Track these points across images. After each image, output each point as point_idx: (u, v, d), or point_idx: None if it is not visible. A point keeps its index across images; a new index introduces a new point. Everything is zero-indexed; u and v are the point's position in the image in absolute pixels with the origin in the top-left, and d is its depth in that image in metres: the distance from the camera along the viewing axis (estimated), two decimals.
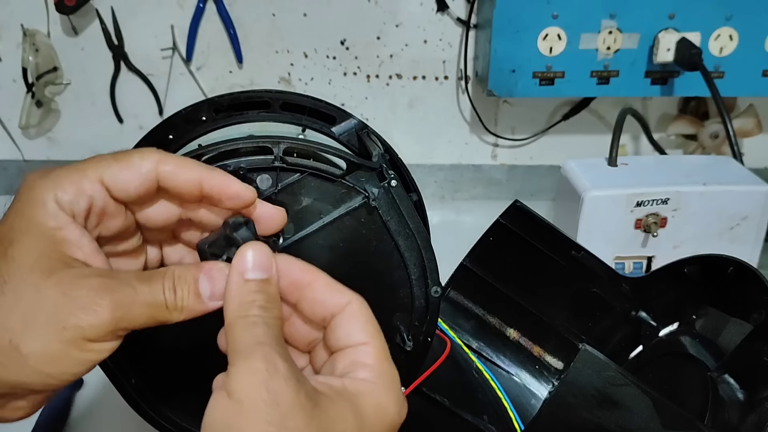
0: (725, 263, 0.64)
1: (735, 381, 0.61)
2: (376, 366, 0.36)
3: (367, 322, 0.37)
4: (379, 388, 0.35)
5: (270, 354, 0.32)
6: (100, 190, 0.36)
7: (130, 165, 0.36)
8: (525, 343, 0.73)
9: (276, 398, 0.31)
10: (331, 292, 0.38)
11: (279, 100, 0.56)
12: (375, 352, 0.36)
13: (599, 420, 0.63)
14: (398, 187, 0.50)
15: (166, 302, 0.35)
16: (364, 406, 0.34)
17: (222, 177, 0.37)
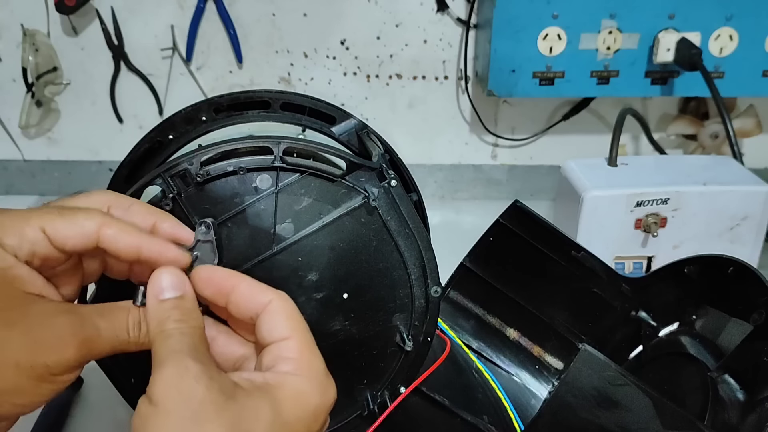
0: (725, 263, 0.64)
1: (735, 381, 0.61)
2: (297, 358, 0.38)
3: (288, 317, 0.39)
4: (300, 380, 0.37)
5: (181, 359, 0.35)
6: (43, 238, 0.37)
7: (74, 223, 0.38)
8: (525, 343, 0.73)
9: (187, 397, 0.34)
10: (254, 293, 0.40)
11: (279, 100, 0.56)
12: (296, 345, 0.38)
13: (599, 420, 0.63)
14: (398, 187, 0.50)
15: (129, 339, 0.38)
16: (282, 397, 0.36)
17: (160, 246, 0.40)
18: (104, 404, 0.72)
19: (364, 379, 0.56)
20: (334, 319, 0.53)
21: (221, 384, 0.35)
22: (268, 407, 0.35)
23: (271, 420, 0.35)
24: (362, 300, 0.53)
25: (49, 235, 0.38)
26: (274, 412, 0.35)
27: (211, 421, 0.33)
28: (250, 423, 0.34)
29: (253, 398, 0.35)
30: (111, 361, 0.53)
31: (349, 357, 0.54)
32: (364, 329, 0.54)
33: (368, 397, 0.56)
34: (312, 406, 0.37)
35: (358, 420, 0.56)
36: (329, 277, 0.50)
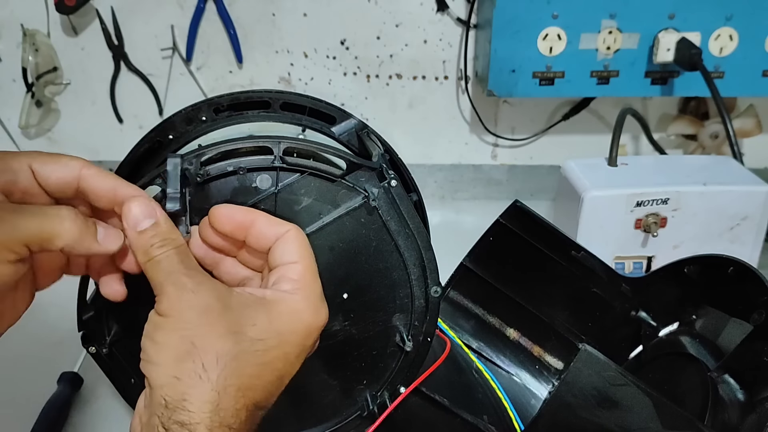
0: (725, 263, 0.64)
1: (735, 381, 0.61)
2: (299, 280, 0.42)
3: (300, 246, 0.43)
4: (297, 298, 0.41)
5: (177, 278, 0.40)
6: (26, 170, 0.40)
7: (59, 161, 0.41)
8: (525, 343, 0.73)
9: (190, 305, 0.39)
10: (272, 225, 0.44)
11: (279, 100, 0.56)
12: (301, 269, 0.42)
13: (599, 420, 0.63)
14: (398, 187, 0.50)
15: (63, 222, 0.38)
16: (279, 310, 0.40)
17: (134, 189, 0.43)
18: (104, 404, 0.72)
19: (364, 380, 0.56)
20: (334, 320, 0.53)
21: (217, 292, 0.40)
22: (264, 315, 0.40)
23: (266, 327, 0.39)
24: (362, 300, 0.53)
25: (35, 170, 0.41)
26: (268, 320, 0.40)
27: (212, 324, 0.38)
28: (245, 327, 0.39)
29: (250, 308, 0.40)
30: (111, 362, 0.53)
31: (348, 357, 0.55)
32: (363, 329, 0.54)
33: (368, 397, 0.56)
34: (305, 322, 0.41)
35: (358, 420, 0.56)
36: (329, 277, 0.50)
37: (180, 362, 0.38)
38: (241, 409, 0.38)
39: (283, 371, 0.41)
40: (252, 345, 0.39)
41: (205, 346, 0.38)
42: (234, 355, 0.38)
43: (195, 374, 0.37)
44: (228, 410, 0.37)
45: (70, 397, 0.72)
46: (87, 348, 0.52)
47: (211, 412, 0.37)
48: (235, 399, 0.38)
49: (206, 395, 0.37)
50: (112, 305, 0.51)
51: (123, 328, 0.52)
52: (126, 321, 0.52)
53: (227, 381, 0.38)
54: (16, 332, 0.83)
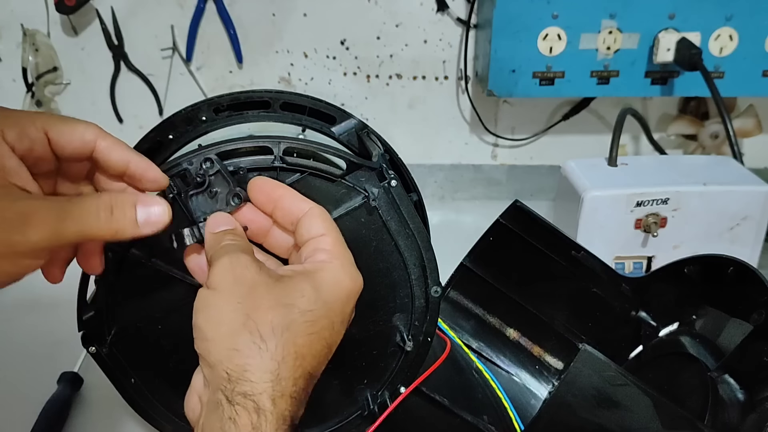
0: (725, 263, 0.64)
1: (735, 381, 0.61)
2: (332, 250, 0.43)
3: (324, 220, 0.45)
4: (335, 266, 0.43)
5: (234, 252, 0.41)
6: (43, 138, 0.41)
7: (75, 129, 0.42)
8: (525, 343, 0.73)
9: (241, 279, 0.40)
10: (296, 201, 0.46)
11: (279, 100, 0.56)
12: (331, 240, 0.44)
13: (599, 420, 0.63)
14: (398, 187, 0.50)
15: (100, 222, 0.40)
16: (321, 279, 0.42)
17: (146, 163, 0.44)
18: (104, 404, 0.72)
19: (365, 379, 0.56)
20: None
21: (268, 271, 0.42)
22: (309, 286, 0.41)
23: (314, 297, 0.41)
24: (362, 300, 0.52)
25: (51, 138, 0.41)
26: (314, 290, 0.41)
27: (262, 296, 0.39)
28: (294, 299, 0.40)
29: (295, 280, 0.41)
30: (111, 362, 0.53)
31: (349, 357, 0.54)
32: (364, 329, 0.54)
33: (368, 397, 0.56)
34: (346, 289, 0.42)
35: (359, 420, 0.56)
36: None
37: (236, 335, 0.38)
38: (299, 378, 0.39)
39: (330, 339, 0.42)
40: (302, 315, 0.40)
41: (259, 317, 0.39)
42: (286, 325, 0.39)
43: (254, 344, 0.38)
44: (288, 379, 0.38)
45: (70, 397, 0.72)
46: (87, 348, 0.52)
47: (273, 381, 0.37)
48: (293, 368, 0.38)
49: (266, 364, 0.38)
50: (113, 305, 0.51)
51: (123, 329, 0.52)
52: (126, 321, 0.52)
53: (285, 350, 0.38)
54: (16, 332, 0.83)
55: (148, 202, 0.42)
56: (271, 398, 0.37)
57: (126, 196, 0.42)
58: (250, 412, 0.37)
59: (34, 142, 0.41)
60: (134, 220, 0.41)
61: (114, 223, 0.40)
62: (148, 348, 0.53)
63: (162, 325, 0.52)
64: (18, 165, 0.40)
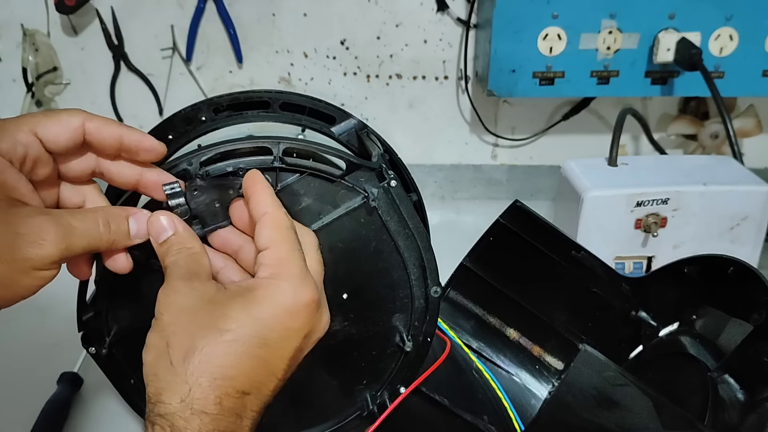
0: (725, 263, 0.64)
1: (735, 381, 0.61)
2: (273, 264, 0.43)
3: (273, 229, 0.44)
4: (273, 281, 0.42)
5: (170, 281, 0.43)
6: (34, 140, 0.42)
7: (60, 120, 0.43)
8: (525, 343, 0.73)
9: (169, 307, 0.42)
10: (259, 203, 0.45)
11: (279, 100, 0.56)
12: (273, 254, 0.43)
13: (599, 420, 0.63)
14: (398, 187, 0.50)
15: (101, 235, 0.43)
16: (253, 297, 0.42)
17: (139, 134, 0.45)
18: (104, 404, 0.72)
19: (364, 380, 0.56)
20: (334, 320, 0.52)
21: (203, 293, 0.42)
22: (237, 306, 0.41)
23: (238, 317, 0.41)
24: (362, 300, 0.53)
25: (40, 137, 0.42)
26: (243, 309, 0.41)
27: (185, 320, 0.41)
28: (216, 320, 0.41)
29: (227, 300, 0.42)
30: (111, 362, 0.53)
31: (348, 357, 0.55)
32: (363, 329, 0.54)
33: (368, 397, 0.56)
34: (284, 305, 0.42)
35: (358, 420, 0.56)
36: (329, 277, 0.50)
37: (157, 361, 0.40)
38: (221, 396, 0.39)
39: (266, 357, 0.41)
40: (221, 335, 0.40)
41: (175, 344, 0.40)
42: (201, 347, 0.40)
43: (168, 370, 0.40)
44: (202, 399, 0.39)
45: (70, 397, 0.72)
46: (87, 348, 0.52)
47: (183, 402, 0.39)
48: (209, 389, 0.39)
49: (178, 387, 0.39)
50: (112, 306, 0.51)
51: (123, 329, 0.52)
52: (126, 322, 0.52)
53: (197, 372, 0.39)
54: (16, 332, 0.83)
55: (138, 215, 0.45)
56: (183, 418, 0.38)
57: (119, 210, 0.45)
58: (166, 430, 0.38)
59: (27, 147, 0.41)
60: (127, 232, 0.44)
61: (111, 235, 0.43)
62: None
63: None
64: (18, 177, 0.41)
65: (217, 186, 0.48)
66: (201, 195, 0.47)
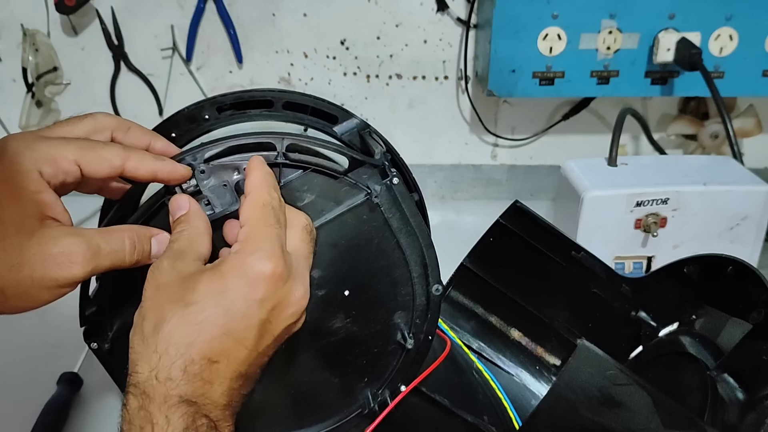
0: (725, 263, 0.64)
1: (734, 380, 0.61)
2: (242, 240, 0.45)
3: (249, 207, 0.46)
4: (236, 256, 0.44)
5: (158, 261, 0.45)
6: (76, 170, 0.45)
7: (103, 158, 0.46)
8: (525, 343, 0.73)
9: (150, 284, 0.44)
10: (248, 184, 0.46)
11: (282, 99, 0.56)
12: (245, 231, 0.45)
13: (597, 416, 0.63)
14: (400, 184, 0.50)
15: (126, 256, 0.45)
16: (219, 271, 0.44)
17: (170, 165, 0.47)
18: (104, 404, 0.72)
19: (365, 377, 0.56)
20: (336, 317, 0.53)
21: (182, 270, 0.44)
22: (205, 279, 0.43)
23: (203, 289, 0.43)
24: (363, 297, 0.53)
25: (83, 168, 0.45)
26: (207, 282, 0.43)
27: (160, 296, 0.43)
28: (183, 293, 0.43)
29: (200, 275, 0.44)
30: (111, 360, 0.53)
31: (350, 355, 0.55)
32: (365, 327, 0.54)
33: (369, 395, 0.56)
34: (247, 276, 0.43)
35: (359, 418, 0.56)
36: (331, 274, 0.50)
37: (133, 335, 0.44)
38: (187, 363, 0.42)
39: (228, 326, 0.43)
40: (186, 308, 0.42)
41: (149, 317, 0.43)
42: (168, 319, 0.42)
43: (141, 342, 0.43)
44: (171, 367, 0.41)
45: (70, 397, 0.72)
46: (89, 343, 0.52)
47: (152, 369, 0.41)
48: (175, 356, 0.42)
49: (148, 357, 0.42)
50: (115, 301, 0.51)
51: (125, 324, 0.52)
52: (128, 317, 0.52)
53: (165, 343, 0.42)
54: (16, 332, 0.83)
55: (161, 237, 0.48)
56: (151, 384, 0.41)
57: (145, 230, 0.47)
58: (137, 397, 0.41)
59: (67, 175, 0.45)
60: (149, 253, 0.47)
61: (135, 256, 0.46)
62: None
63: None
64: (55, 199, 0.44)
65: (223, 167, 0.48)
66: (208, 177, 0.48)
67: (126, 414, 0.42)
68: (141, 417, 0.41)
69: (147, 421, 0.41)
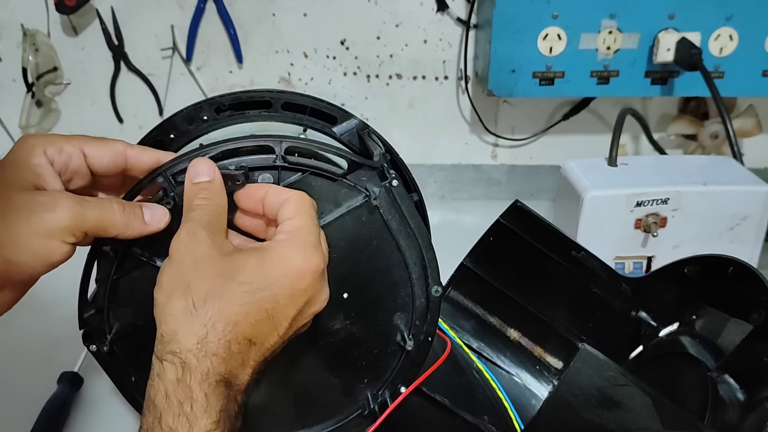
0: (725, 263, 0.64)
1: (735, 381, 0.61)
2: (291, 231, 0.45)
3: (298, 204, 0.47)
4: (286, 244, 0.45)
5: (193, 226, 0.45)
6: (79, 154, 0.48)
7: (107, 144, 0.49)
8: (525, 343, 0.73)
9: (192, 252, 0.44)
10: (279, 194, 0.47)
11: (280, 99, 0.56)
12: (295, 223, 0.46)
13: (599, 419, 0.63)
14: (399, 186, 0.50)
15: (116, 213, 0.45)
16: (269, 256, 0.44)
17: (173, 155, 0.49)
18: (104, 404, 0.72)
19: (365, 379, 0.56)
20: (335, 318, 0.53)
21: (222, 246, 0.45)
22: (254, 260, 0.44)
23: (255, 271, 0.44)
24: (363, 299, 0.53)
25: (86, 154, 0.48)
26: (258, 264, 0.44)
27: (206, 268, 0.43)
28: (235, 271, 0.43)
29: (243, 255, 0.45)
30: (111, 360, 0.53)
31: (349, 356, 0.55)
32: (364, 328, 0.54)
33: (369, 396, 0.56)
34: (294, 266, 0.44)
35: (359, 419, 0.56)
36: (330, 275, 0.50)
37: (175, 301, 0.43)
38: (231, 341, 0.42)
39: (273, 311, 0.44)
40: (239, 286, 0.43)
41: (198, 287, 0.43)
42: (221, 294, 0.43)
43: (187, 311, 0.42)
44: (216, 342, 0.42)
45: (70, 397, 0.72)
46: (88, 346, 0.52)
47: (198, 342, 0.42)
48: (222, 333, 0.42)
49: (194, 328, 0.42)
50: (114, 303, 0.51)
51: (124, 327, 0.52)
52: (127, 319, 0.52)
53: (216, 316, 0.42)
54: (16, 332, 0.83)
55: (151, 205, 0.48)
56: (195, 356, 0.41)
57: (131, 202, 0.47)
58: (176, 367, 0.41)
59: (71, 157, 0.47)
60: (142, 217, 0.47)
61: (126, 217, 0.46)
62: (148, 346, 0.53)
63: None
64: (53, 176, 0.46)
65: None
66: None
67: (160, 384, 0.41)
68: (180, 391, 0.41)
69: (186, 397, 0.41)
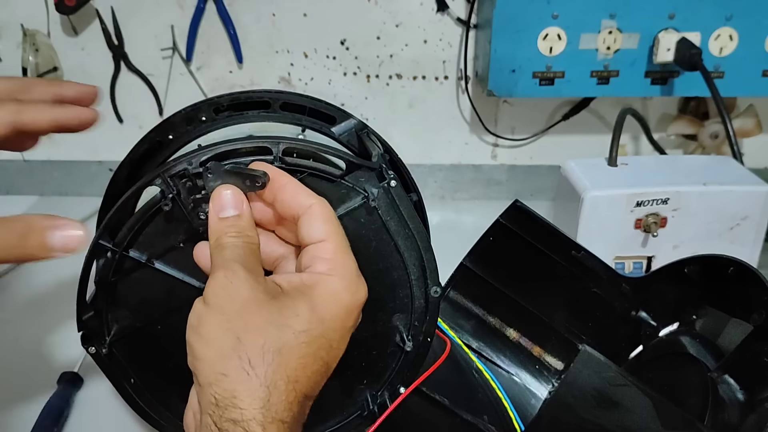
0: (725, 263, 0.64)
1: (735, 381, 0.61)
2: (332, 259, 0.41)
3: (325, 221, 0.43)
4: (333, 278, 0.41)
5: (230, 265, 0.40)
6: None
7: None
8: (525, 343, 0.73)
9: (234, 296, 0.38)
10: (298, 193, 0.43)
11: (279, 100, 0.56)
12: (332, 247, 0.42)
13: (599, 420, 0.63)
14: (398, 187, 0.50)
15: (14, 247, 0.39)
16: (318, 296, 0.40)
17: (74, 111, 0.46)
18: (104, 404, 0.72)
19: (364, 379, 0.56)
20: None
21: (265, 287, 0.40)
22: (305, 305, 0.39)
23: (309, 316, 0.39)
24: None
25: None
26: (310, 309, 0.39)
27: (254, 316, 0.38)
28: (288, 318, 0.38)
29: (291, 298, 0.40)
30: (110, 361, 0.53)
31: (348, 357, 0.54)
32: (363, 329, 0.53)
33: (368, 397, 0.56)
34: (345, 303, 0.41)
35: (358, 420, 0.56)
36: None
37: (226, 358, 0.37)
38: (293, 402, 0.38)
39: (327, 358, 0.40)
40: (296, 337, 0.38)
41: (250, 340, 0.37)
42: (278, 348, 0.37)
43: (242, 370, 0.37)
44: (279, 404, 0.37)
45: (70, 397, 0.72)
46: (87, 348, 0.52)
47: (263, 408, 0.36)
48: (286, 392, 0.37)
49: (256, 391, 0.36)
50: (113, 305, 0.51)
51: (123, 329, 0.52)
52: (126, 321, 0.52)
53: (276, 375, 0.37)
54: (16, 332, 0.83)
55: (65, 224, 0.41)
56: (261, 425, 0.36)
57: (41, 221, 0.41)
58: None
59: None
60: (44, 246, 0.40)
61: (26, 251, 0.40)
62: (147, 348, 0.53)
63: (162, 325, 0.52)
64: None
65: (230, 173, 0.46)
66: (217, 180, 0.46)
67: None
68: None
69: None
